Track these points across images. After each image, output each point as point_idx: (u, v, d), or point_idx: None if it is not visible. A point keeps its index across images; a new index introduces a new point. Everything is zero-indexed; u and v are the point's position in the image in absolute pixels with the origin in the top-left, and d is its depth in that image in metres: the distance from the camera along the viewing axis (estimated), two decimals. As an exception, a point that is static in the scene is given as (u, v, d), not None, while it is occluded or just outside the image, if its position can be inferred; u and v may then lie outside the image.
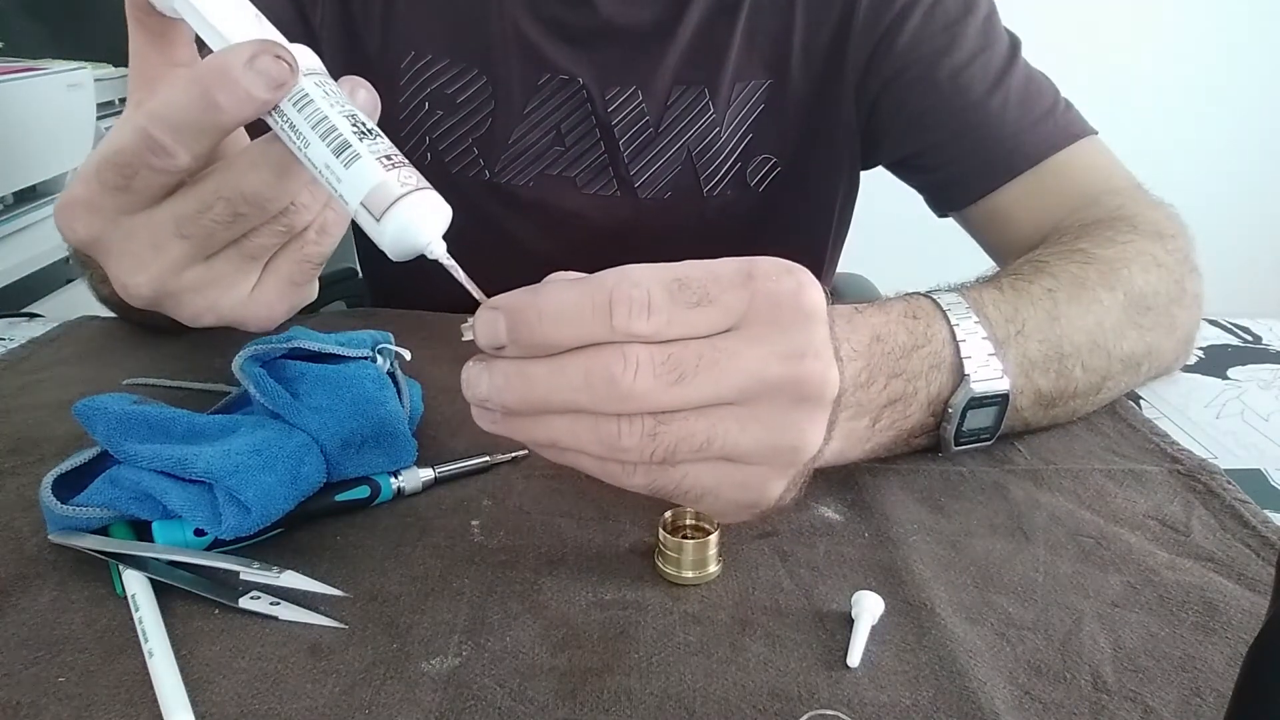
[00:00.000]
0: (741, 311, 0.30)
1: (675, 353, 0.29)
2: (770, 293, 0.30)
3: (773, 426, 0.31)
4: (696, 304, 0.30)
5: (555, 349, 0.30)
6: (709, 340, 0.30)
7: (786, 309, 0.30)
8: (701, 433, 0.30)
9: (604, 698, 0.35)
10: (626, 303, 0.29)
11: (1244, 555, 0.44)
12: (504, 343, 0.30)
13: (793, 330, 0.31)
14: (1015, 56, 0.71)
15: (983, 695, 0.36)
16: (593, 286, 0.29)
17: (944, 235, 0.80)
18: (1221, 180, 2.13)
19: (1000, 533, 0.46)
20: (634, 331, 0.29)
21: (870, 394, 0.45)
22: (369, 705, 0.35)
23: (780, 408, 0.31)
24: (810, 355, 0.31)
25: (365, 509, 0.47)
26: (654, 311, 0.29)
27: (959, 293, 0.50)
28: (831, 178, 0.79)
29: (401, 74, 0.74)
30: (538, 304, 0.29)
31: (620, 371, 0.29)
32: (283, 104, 0.32)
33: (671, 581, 0.42)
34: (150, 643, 0.37)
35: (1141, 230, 0.60)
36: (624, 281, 0.29)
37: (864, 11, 0.71)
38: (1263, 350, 0.70)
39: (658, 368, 0.29)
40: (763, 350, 0.30)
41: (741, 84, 0.74)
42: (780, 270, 0.31)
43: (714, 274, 0.30)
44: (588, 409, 0.30)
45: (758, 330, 0.30)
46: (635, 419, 0.30)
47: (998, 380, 0.48)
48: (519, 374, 0.30)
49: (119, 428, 0.43)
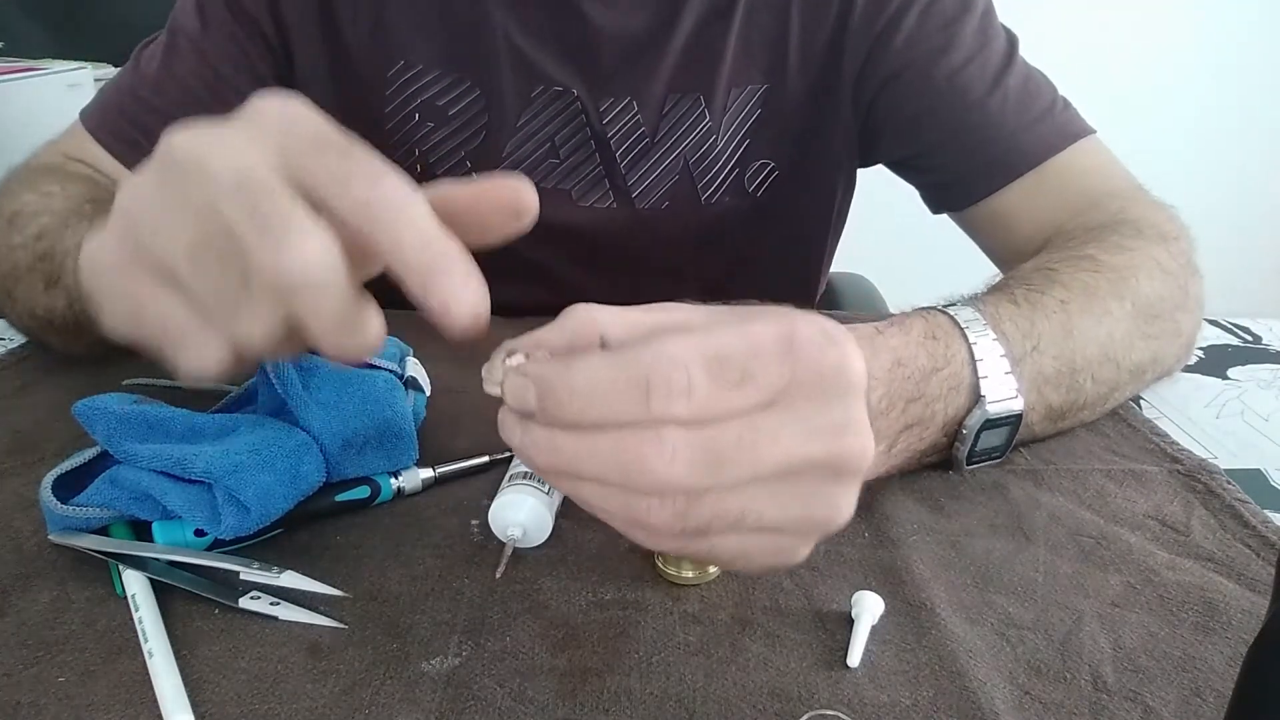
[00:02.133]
0: (782, 387, 0.28)
1: (713, 436, 0.27)
2: (813, 366, 0.28)
3: (808, 502, 0.29)
4: (738, 384, 0.27)
5: (584, 426, 0.28)
6: (747, 419, 0.28)
7: (829, 383, 0.28)
8: (734, 511, 0.28)
9: (604, 698, 0.35)
10: (665, 385, 0.27)
11: (1244, 555, 0.44)
12: (533, 411, 0.28)
13: (834, 405, 0.29)
14: (1013, 55, 0.70)
15: (983, 695, 0.36)
16: (629, 364, 0.27)
17: (944, 234, 0.80)
18: (1221, 180, 2.13)
19: (1000, 533, 0.46)
20: (672, 415, 0.27)
21: (889, 420, 0.44)
22: (369, 705, 0.35)
23: (816, 483, 0.29)
24: (851, 431, 0.29)
25: (365, 509, 0.47)
26: (694, 394, 0.27)
27: (974, 307, 0.49)
28: (830, 180, 0.79)
29: (389, 82, 0.72)
30: (570, 381, 0.27)
31: (655, 456, 0.27)
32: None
33: (671, 581, 0.42)
34: (150, 643, 0.37)
35: (1146, 235, 0.60)
36: (662, 360, 0.27)
37: (860, 12, 0.70)
38: (1263, 350, 0.70)
39: (694, 454, 0.27)
40: (803, 428, 0.28)
41: (737, 89, 0.73)
42: (823, 340, 0.28)
43: (755, 347, 0.28)
44: (620, 485, 0.28)
45: (798, 406, 0.28)
46: (666, 499, 0.28)
47: (1012, 400, 0.47)
48: (549, 442, 0.29)
49: (119, 428, 0.43)
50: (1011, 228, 0.70)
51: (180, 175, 0.28)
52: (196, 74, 0.70)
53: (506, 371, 0.29)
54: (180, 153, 0.28)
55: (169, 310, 0.29)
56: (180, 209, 0.28)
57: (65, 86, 1.29)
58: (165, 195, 0.28)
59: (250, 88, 0.70)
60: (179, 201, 0.28)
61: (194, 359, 0.29)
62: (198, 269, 0.28)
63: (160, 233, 0.28)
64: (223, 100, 0.69)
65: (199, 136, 0.28)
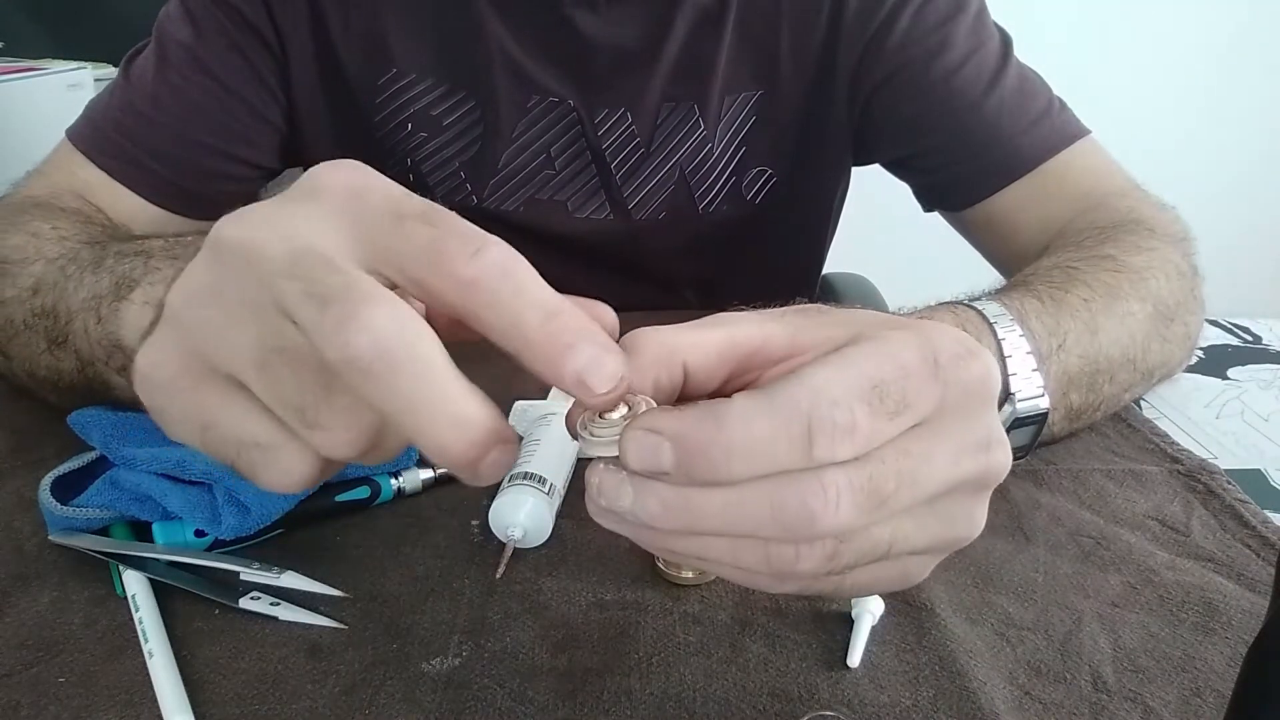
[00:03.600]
0: (934, 408, 0.26)
1: (875, 472, 0.25)
2: (962, 383, 0.26)
3: (951, 521, 0.28)
4: (896, 414, 0.25)
5: (735, 481, 0.25)
6: (901, 447, 0.26)
7: (975, 398, 0.27)
8: (884, 543, 0.27)
9: (604, 698, 0.35)
10: (829, 430, 0.24)
11: (1244, 555, 0.44)
12: (667, 472, 0.25)
13: (980, 420, 0.27)
14: (1008, 56, 0.70)
15: (983, 695, 0.36)
16: (788, 410, 0.24)
17: (944, 234, 0.80)
18: (1221, 180, 2.13)
19: (1000, 533, 0.46)
20: (836, 457, 0.24)
21: None
22: (369, 705, 0.35)
23: (961, 501, 0.28)
24: (995, 444, 0.28)
25: (365, 509, 0.47)
26: (857, 432, 0.24)
27: (1001, 303, 0.48)
28: (828, 183, 0.79)
29: (379, 90, 0.71)
30: (725, 439, 0.24)
31: (820, 506, 0.24)
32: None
33: (671, 581, 0.42)
34: (150, 643, 0.37)
35: (1159, 235, 0.60)
36: (822, 402, 0.24)
37: (852, 14, 0.70)
38: (1263, 350, 0.70)
39: (857, 496, 0.25)
40: (954, 447, 0.27)
41: (731, 97, 0.73)
42: (964, 353, 0.27)
43: (905, 370, 0.26)
44: (767, 538, 0.26)
45: (949, 426, 0.27)
46: (816, 543, 0.26)
47: (1039, 399, 0.46)
48: (683, 504, 0.25)
49: (115, 434, 0.43)
50: (1011, 229, 0.70)
51: (233, 267, 0.24)
52: (196, 83, 0.67)
53: (628, 431, 0.25)
54: (231, 241, 0.24)
55: (244, 424, 0.25)
56: (237, 307, 0.24)
57: (65, 86, 1.29)
58: (219, 292, 0.25)
59: (256, 93, 0.69)
60: (235, 298, 0.24)
61: (278, 476, 0.26)
62: (267, 375, 0.24)
63: (220, 338, 0.25)
64: (228, 109, 0.68)
65: (250, 219, 0.25)
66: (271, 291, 0.23)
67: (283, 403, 0.25)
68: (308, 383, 0.24)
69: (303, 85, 0.71)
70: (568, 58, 0.71)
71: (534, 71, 0.71)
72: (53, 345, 0.50)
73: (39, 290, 0.52)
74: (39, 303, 0.51)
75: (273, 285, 0.23)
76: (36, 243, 0.55)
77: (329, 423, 0.24)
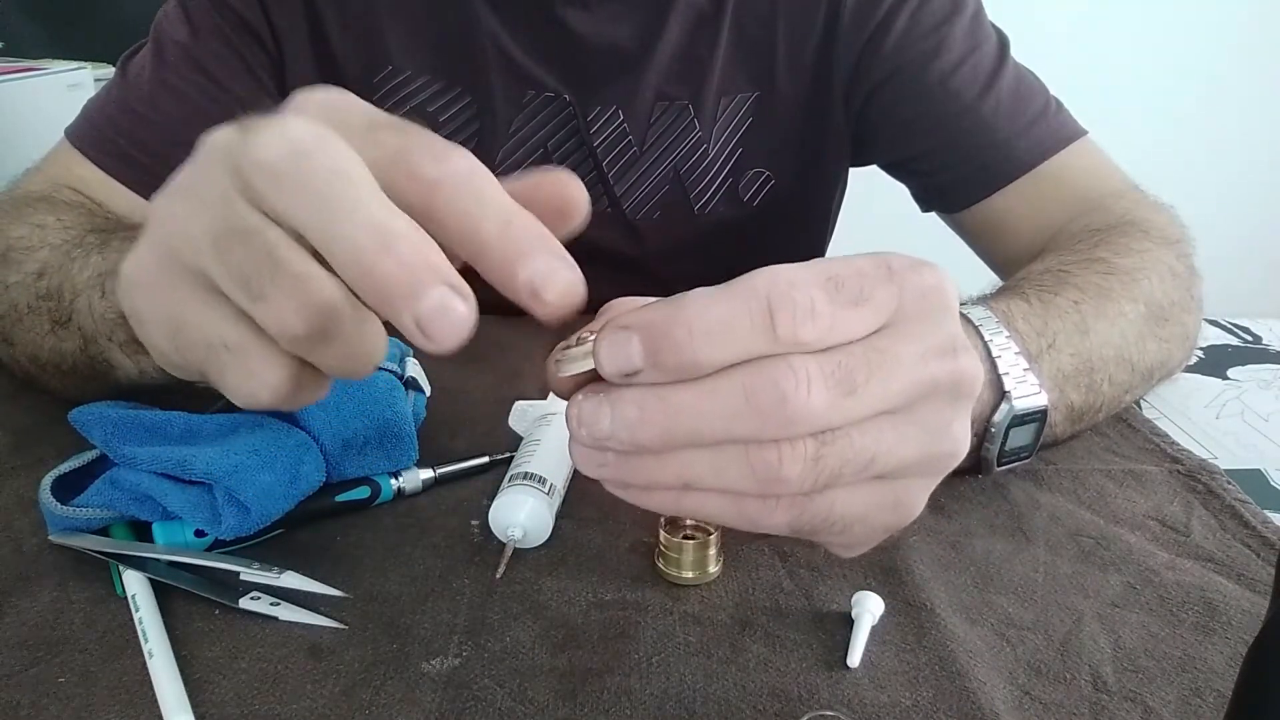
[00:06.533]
0: (893, 309, 0.27)
1: (844, 360, 0.26)
2: (916, 287, 0.27)
3: (932, 430, 0.28)
4: (855, 303, 0.26)
5: (705, 370, 0.25)
6: (869, 343, 0.26)
7: (933, 302, 0.28)
8: (868, 449, 0.27)
9: (604, 698, 0.35)
10: (789, 308, 0.25)
11: (1244, 555, 0.44)
12: (639, 368, 0.25)
13: (942, 324, 0.28)
14: (1005, 57, 0.70)
15: (983, 695, 0.36)
16: (745, 292, 0.25)
17: (944, 234, 0.80)
18: (1221, 180, 2.13)
19: (1000, 533, 0.46)
20: (800, 340, 0.25)
21: None
22: (369, 706, 0.35)
23: (937, 409, 0.28)
24: (961, 350, 0.28)
25: (365, 509, 0.47)
26: (818, 315, 0.25)
27: (985, 306, 0.49)
28: (826, 185, 0.79)
29: (375, 88, 0.71)
30: (686, 319, 0.25)
31: (792, 388, 0.25)
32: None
33: (671, 582, 0.42)
34: (150, 643, 0.37)
35: (1153, 237, 0.60)
36: (779, 283, 0.25)
37: (849, 15, 0.70)
38: (1263, 350, 0.70)
39: (829, 379, 0.25)
40: (920, 348, 0.27)
41: (727, 98, 0.73)
42: (916, 263, 0.28)
43: (859, 270, 0.27)
44: (744, 437, 0.26)
45: (911, 328, 0.27)
46: (798, 443, 0.26)
47: (1036, 395, 0.47)
48: (660, 403, 0.25)
49: (116, 432, 0.43)
50: (1008, 231, 0.70)
51: (202, 161, 0.26)
52: (192, 82, 0.68)
53: (600, 334, 0.25)
54: (208, 142, 0.26)
55: (213, 323, 0.26)
56: (201, 194, 0.25)
57: (65, 86, 1.29)
58: (189, 186, 0.26)
59: (251, 92, 0.69)
60: (201, 187, 0.26)
61: (244, 379, 0.27)
62: (221, 254, 0.25)
63: (184, 225, 0.26)
64: (223, 106, 0.68)
65: (236, 128, 0.26)
66: (229, 172, 0.25)
67: (234, 279, 0.25)
68: (257, 257, 0.25)
69: (299, 84, 0.71)
70: (561, 55, 0.71)
71: (529, 68, 0.71)
72: (56, 326, 0.51)
73: (44, 274, 0.52)
74: (44, 285, 0.52)
75: (232, 168, 0.25)
76: (41, 232, 0.55)
77: (273, 294, 0.25)
